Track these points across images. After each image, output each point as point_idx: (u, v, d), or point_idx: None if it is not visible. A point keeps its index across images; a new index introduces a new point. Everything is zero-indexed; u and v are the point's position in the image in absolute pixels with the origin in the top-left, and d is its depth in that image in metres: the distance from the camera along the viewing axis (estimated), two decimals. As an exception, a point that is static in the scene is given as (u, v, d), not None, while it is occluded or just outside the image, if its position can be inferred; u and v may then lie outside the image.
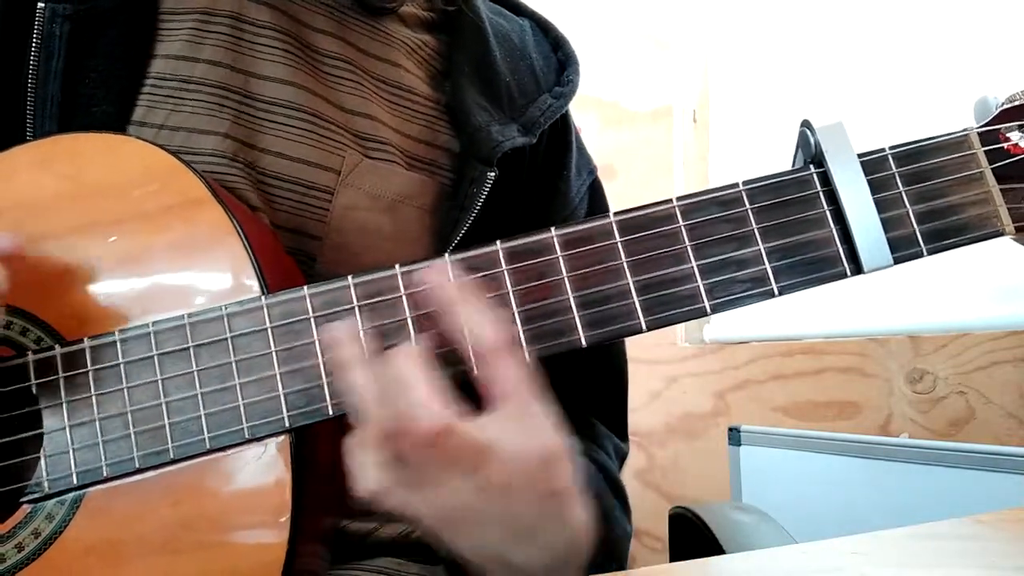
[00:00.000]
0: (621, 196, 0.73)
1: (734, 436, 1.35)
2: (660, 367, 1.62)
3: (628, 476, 1.03)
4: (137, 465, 0.47)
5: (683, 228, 0.50)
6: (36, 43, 0.58)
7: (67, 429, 0.48)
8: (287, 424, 0.47)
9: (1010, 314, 1.14)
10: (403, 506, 0.47)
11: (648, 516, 1.56)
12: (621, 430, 0.75)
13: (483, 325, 0.47)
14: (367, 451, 0.46)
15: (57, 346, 0.48)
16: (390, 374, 0.45)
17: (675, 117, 1.72)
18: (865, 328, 1.31)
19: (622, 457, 0.73)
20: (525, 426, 0.47)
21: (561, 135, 0.75)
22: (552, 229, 0.50)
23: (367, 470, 0.46)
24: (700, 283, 0.50)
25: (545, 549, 0.49)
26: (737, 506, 1.17)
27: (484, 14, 0.73)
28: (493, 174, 0.63)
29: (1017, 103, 0.52)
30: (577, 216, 0.73)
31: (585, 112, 1.79)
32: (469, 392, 0.47)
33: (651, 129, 1.75)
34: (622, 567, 0.54)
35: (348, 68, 0.65)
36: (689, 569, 0.48)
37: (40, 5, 0.58)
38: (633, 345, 0.71)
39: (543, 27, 0.79)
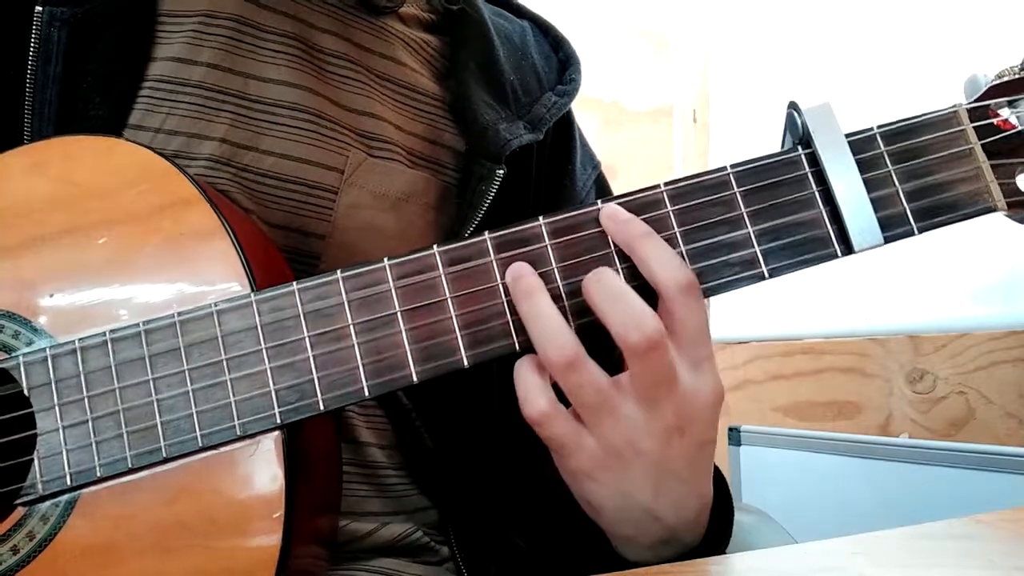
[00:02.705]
0: (614, 197, 0.73)
1: (734, 436, 1.35)
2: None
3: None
4: (130, 465, 0.47)
5: (671, 213, 0.50)
6: (34, 47, 0.58)
7: (60, 430, 0.47)
8: (279, 420, 0.47)
9: (1010, 314, 1.14)
10: (561, 436, 0.48)
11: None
12: None
13: (672, 263, 0.48)
14: (540, 374, 0.47)
15: (48, 348, 0.48)
16: (602, 291, 0.47)
17: (675, 117, 1.72)
18: (865, 328, 1.31)
19: None
20: (701, 368, 0.48)
21: (565, 131, 0.75)
22: (540, 218, 0.50)
23: (539, 393, 0.47)
24: (689, 268, 0.49)
25: (685, 502, 0.50)
26: (737, 506, 1.17)
27: (486, 14, 0.73)
28: (502, 172, 0.63)
29: (1006, 79, 0.52)
30: None
31: (585, 112, 1.79)
32: None
33: (651, 129, 1.75)
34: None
35: (352, 67, 0.65)
36: (689, 569, 0.48)
37: (38, 9, 0.58)
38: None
39: (543, 28, 0.80)
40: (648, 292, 0.48)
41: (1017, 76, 0.52)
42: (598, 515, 0.51)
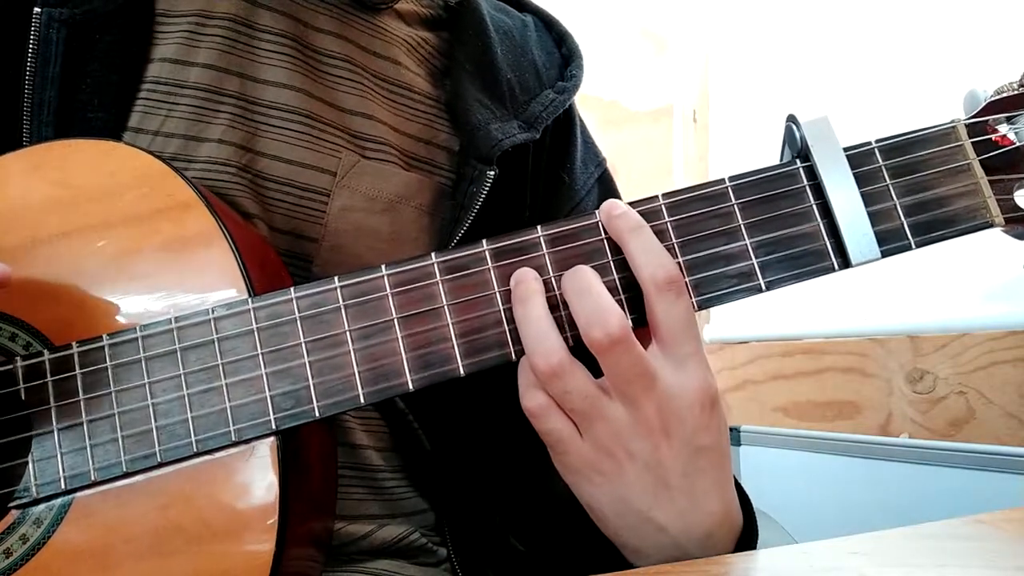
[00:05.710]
0: (621, 196, 0.72)
1: (734, 436, 1.35)
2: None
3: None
4: (125, 469, 0.47)
5: (669, 224, 0.50)
6: (33, 48, 0.57)
7: (55, 433, 0.47)
8: (274, 426, 0.47)
9: (1010, 314, 1.14)
10: (558, 431, 0.48)
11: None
12: None
13: (652, 258, 0.48)
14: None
15: (45, 351, 0.48)
16: (573, 286, 0.48)
17: (675, 117, 1.72)
18: (865, 328, 1.31)
19: None
20: (684, 365, 0.48)
21: (565, 129, 0.74)
22: (539, 227, 0.50)
23: (533, 388, 0.48)
24: (686, 279, 0.49)
25: (690, 516, 0.49)
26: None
27: (485, 10, 0.72)
28: (493, 173, 0.62)
29: (1005, 95, 0.52)
30: (585, 209, 0.73)
31: (585, 112, 1.78)
32: None
33: (651, 129, 1.75)
34: None
35: (348, 67, 0.65)
36: (689, 569, 0.47)
37: (36, 10, 0.57)
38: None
39: (547, 23, 0.79)
40: None
41: (1016, 92, 0.52)
42: (602, 523, 0.51)
